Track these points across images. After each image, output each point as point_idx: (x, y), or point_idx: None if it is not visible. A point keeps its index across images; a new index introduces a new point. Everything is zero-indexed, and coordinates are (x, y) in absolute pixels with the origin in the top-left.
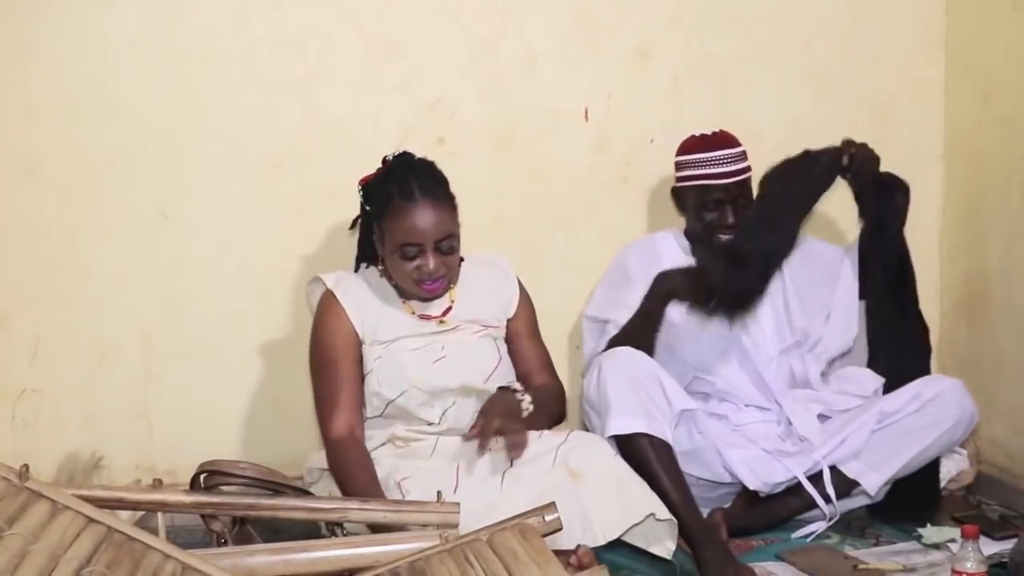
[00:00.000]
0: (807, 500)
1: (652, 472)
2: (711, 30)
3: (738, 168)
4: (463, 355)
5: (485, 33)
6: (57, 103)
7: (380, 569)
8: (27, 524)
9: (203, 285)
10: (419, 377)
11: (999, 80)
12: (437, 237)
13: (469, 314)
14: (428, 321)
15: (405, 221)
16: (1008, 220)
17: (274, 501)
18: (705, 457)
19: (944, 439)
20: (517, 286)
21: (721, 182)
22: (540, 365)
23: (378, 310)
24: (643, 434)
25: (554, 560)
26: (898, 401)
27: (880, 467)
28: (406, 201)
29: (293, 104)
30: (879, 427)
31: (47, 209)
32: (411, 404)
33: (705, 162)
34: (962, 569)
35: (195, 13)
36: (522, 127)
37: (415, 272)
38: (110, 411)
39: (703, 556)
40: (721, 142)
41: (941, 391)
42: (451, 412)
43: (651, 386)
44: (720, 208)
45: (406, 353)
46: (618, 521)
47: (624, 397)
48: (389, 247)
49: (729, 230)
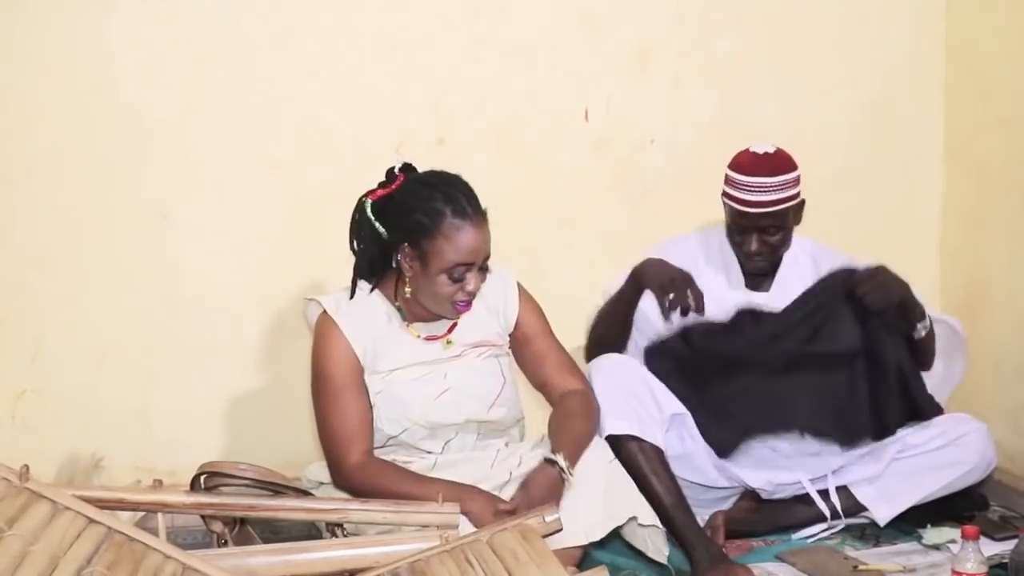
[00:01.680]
0: (815, 511)
1: (643, 475)
2: (711, 30)
3: (770, 199)
4: (467, 386)
5: (485, 33)
6: (57, 103)
7: (380, 569)
8: (27, 525)
9: (203, 285)
10: (422, 414)
11: (999, 80)
12: (485, 255)
13: (473, 336)
14: (433, 343)
15: (460, 240)
16: (1008, 221)
17: (274, 502)
18: (697, 462)
19: (960, 481)
20: (516, 295)
21: (748, 210)
22: (560, 366)
23: (378, 336)
24: (634, 438)
25: (554, 561)
26: (923, 435)
27: (894, 499)
28: (460, 219)
29: (293, 104)
30: (899, 457)
31: (47, 209)
32: (412, 439)
33: (740, 185)
34: (962, 570)
35: (195, 13)
36: (522, 127)
37: (459, 293)
38: (110, 412)
39: (695, 557)
40: (764, 168)
41: (966, 432)
42: (454, 443)
43: (640, 392)
44: (746, 234)
45: (407, 385)
46: (602, 522)
47: (615, 403)
48: (435, 268)
49: (752, 257)
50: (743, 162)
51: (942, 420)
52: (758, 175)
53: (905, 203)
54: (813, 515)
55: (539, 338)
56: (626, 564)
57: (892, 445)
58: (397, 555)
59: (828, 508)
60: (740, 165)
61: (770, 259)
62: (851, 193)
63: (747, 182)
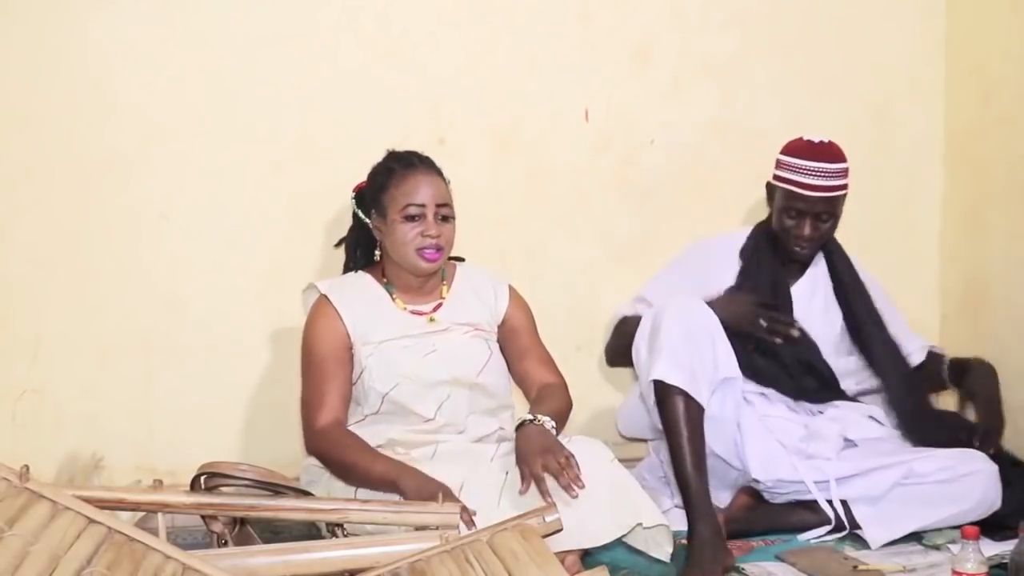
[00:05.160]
0: (813, 517)
1: (677, 430)
2: (711, 30)
3: (829, 184)
4: (453, 350)
5: (485, 33)
6: (57, 103)
7: (380, 570)
8: (27, 525)
9: (203, 285)
10: (412, 370)
11: (999, 80)
12: (438, 201)
13: (459, 317)
14: (419, 318)
15: (407, 185)
16: (1008, 221)
17: (274, 502)
18: (725, 430)
19: (959, 518)
20: (507, 293)
21: (808, 193)
22: (540, 361)
23: (370, 312)
24: (681, 391)
25: (554, 561)
26: (930, 465)
27: (891, 524)
28: (407, 169)
29: (293, 104)
30: (903, 483)
31: (47, 209)
32: (405, 397)
33: (800, 169)
34: (962, 570)
35: (195, 13)
36: (522, 127)
37: (417, 238)
38: (110, 411)
39: (696, 527)
40: (824, 154)
41: (975, 471)
42: (447, 405)
43: (704, 344)
44: (800, 218)
45: (397, 350)
46: (608, 529)
47: (676, 347)
48: (392, 215)
49: (803, 241)
50: (803, 148)
51: (952, 454)
52: (820, 160)
53: (905, 203)
54: (812, 521)
55: (525, 334)
56: (626, 563)
57: (898, 468)
58: (397, 555)
59: (831, 514)
60: (801, 150)
61: (817, 246)
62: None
63: (810, 166)
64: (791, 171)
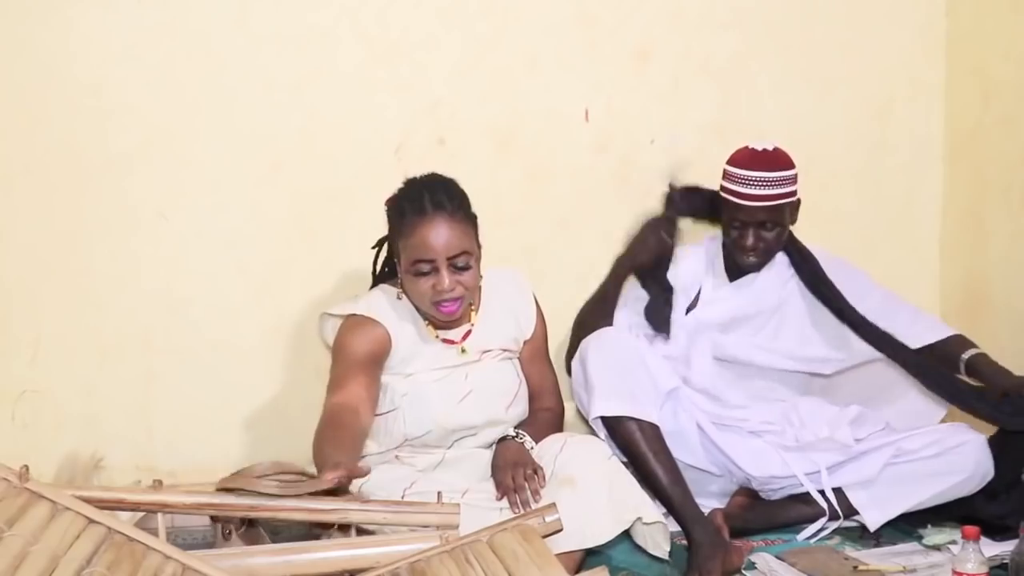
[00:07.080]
0: (810, 510)
1: (640, 454)
2: (711, 30)
3: (769, 193)
4: (490, 385)
5: (485, 33)
6: (57, 103)
7: (381, 570)
8: (27, 525)
9: (203, 285)
10: (446, 417)
11: (999, 80)
12: (450, 253)
13: (489, 342)
14: (450, 348)
15: (416, 237)
16: (1008, 221)
17: (275, 502)
18: (689, 439)
19: (954, 491)
20: (534, 305)
21: (746, 203)
22: (545, 388)
23: (408, 336)
24: (630, 417)
25: (554, 561)
26: (918, 441)
27: (886, 505)
28: (417, 216)
29: (293, 104)
30: (893, 462)
31: (47, 209)
32: (430, 440)
33: (738, 179)
34: (963, 570)
35: (195, 13)
36: (522, 128)
37: (430, 292)
38: (110, 411)
39: (694, 537)
40: (763, 163)
41: (964, 442)
42: (466, 440)
43: (636, 368)
44: (743, 229)
45: (430, 385)
46: (609, 527)
47: (608, 380)
48: (404, 265)
49: (747, 252)
50: (741, 157)
51: (940, 428)
52: (756, 169)
53: (905, 203)
54: (809, 513)
55: (539, 360)
56: (626, 563)
57: (887, 448)
58: (397, 555)
59: (824, 505)
60: (738, 160)
61: (765, 256)
62: (851, 193)
63: (745, 176)
64: (731, 180)
